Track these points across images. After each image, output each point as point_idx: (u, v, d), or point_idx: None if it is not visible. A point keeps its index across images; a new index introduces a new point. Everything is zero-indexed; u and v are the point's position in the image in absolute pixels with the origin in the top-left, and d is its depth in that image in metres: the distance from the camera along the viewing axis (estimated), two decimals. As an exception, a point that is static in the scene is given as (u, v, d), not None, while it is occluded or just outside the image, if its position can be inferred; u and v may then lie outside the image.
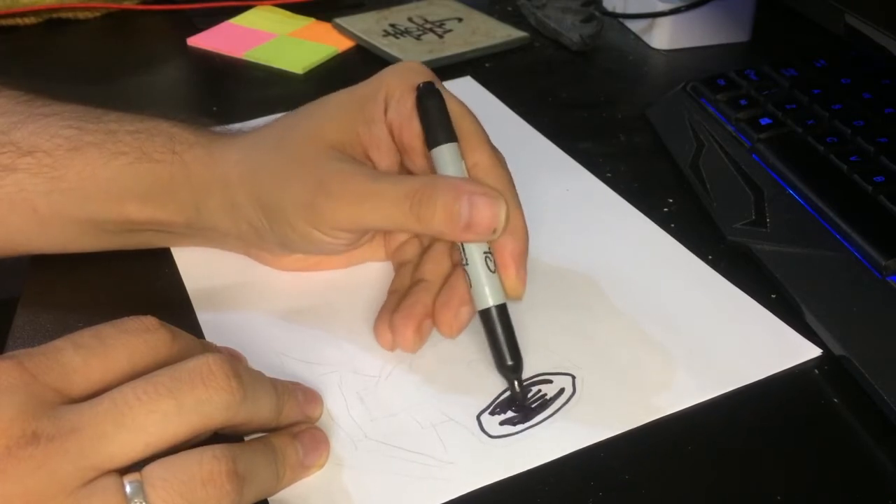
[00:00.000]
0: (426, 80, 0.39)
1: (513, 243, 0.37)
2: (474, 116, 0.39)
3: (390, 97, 0.39)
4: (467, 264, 0.36)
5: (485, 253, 0.36)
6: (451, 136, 0.38)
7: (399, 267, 0.42)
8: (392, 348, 0.38)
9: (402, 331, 0.37)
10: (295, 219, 0.37)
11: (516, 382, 0.36)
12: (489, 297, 0.36)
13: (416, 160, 0.39)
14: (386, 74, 0.39)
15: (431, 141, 0.38)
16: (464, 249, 0.36)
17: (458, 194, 0.35)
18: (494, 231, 0.35)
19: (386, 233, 0.43)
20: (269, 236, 0.39)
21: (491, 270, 0.36)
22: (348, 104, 0.39)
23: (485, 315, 0.36)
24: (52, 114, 0.40)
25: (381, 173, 0.39)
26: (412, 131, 0.38)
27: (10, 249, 0.41)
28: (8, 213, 0.39)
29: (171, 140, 0.40)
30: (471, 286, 0.36)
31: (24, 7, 0.72)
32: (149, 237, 0.42)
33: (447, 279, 0.39)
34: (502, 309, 0.36)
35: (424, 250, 0.41)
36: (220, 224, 0.40)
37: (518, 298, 0.38)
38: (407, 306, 0.38)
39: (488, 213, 0.35)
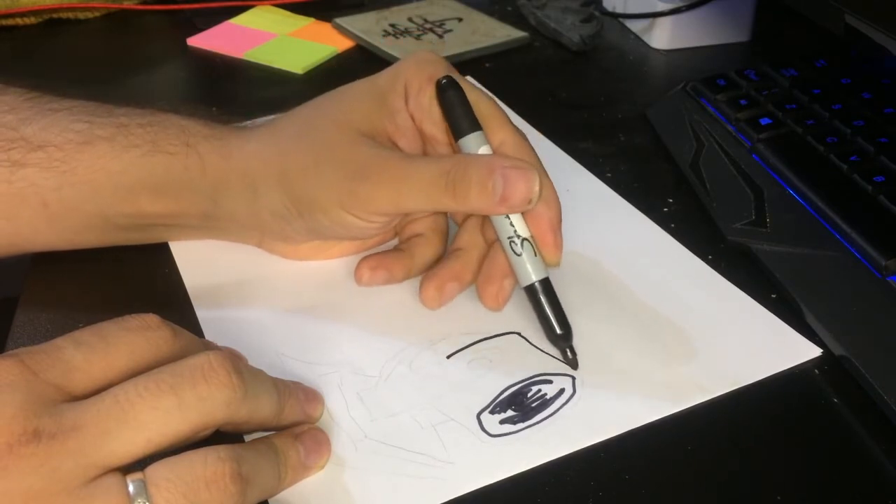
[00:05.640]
0: (443, 71, 0.40)
1: (548, 212, 0.38)
2: (493, 99, 0.41)
3: (409, 88, 0.40)
4: (507, 242, 0.38)
5: (509, 238, 0.38)
6: (474, 124, 0.39)
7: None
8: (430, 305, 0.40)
9: (425, 288, 0.40)
10: (329, 205, 0.38)
11: (568, 350, 0.37)
12: (531, 273, 0.38)
13: (440, 148, 0.41)
14: (403, 66, 0.40)
15: (457, 132, 0.39)
16: (498, 229, 0.38)
17: (492, 169, 0.36)
18: (529, 202, 0.37)
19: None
20: (297, 223, 0.40)
21: (517, 254, 0.38)
22: (370, 95, 0.40)
23: (530, 290, 0.38)
24: (62, 109, 0.40)
25: (414, 156, 0.40)
26: (433, 122, 0.40)
27: (16, 245, 0.41)
28: (18, 208, 0.39)
29: (183, 132, 0.40)
30: (511, 263, 0.38)
31: (24, 7, 0.72)
32: (160, 231, 0.42)
33: (486, 253, 0.40)
34: (546, 282, 0.38)
35: (461, 223, 0.42)
36: (239, 215, 0.40)
37: (556, 266, 0.39)
38: (434, 269, 0.40)
39: (522, 185, 0.36)
